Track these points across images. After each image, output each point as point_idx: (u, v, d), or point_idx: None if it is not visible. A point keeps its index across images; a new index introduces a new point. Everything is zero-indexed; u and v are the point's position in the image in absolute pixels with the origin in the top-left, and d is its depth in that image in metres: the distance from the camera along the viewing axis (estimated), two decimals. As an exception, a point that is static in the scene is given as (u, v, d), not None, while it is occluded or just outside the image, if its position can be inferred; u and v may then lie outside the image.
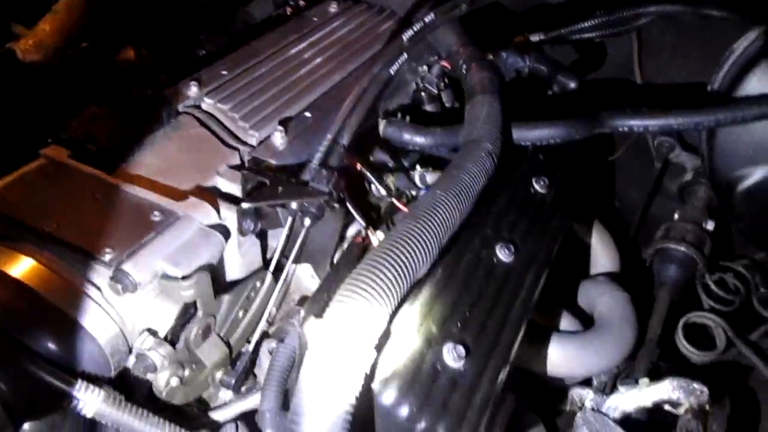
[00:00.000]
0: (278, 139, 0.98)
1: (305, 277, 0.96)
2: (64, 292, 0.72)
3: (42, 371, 0.64)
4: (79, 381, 0.64)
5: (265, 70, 1.14)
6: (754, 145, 1.28)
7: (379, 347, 0.77)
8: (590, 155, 1.61)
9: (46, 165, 0.86)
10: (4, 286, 0.70)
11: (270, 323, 0.88)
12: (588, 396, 1.27)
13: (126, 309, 0.74)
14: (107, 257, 0.73)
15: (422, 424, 0.81)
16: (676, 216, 1.54)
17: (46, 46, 1.54)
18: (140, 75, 1.24)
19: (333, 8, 1.39)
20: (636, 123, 1.20)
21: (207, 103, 1.05)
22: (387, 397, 0.82)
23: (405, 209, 1.01)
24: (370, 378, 0.81)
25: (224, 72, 1.12)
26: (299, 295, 0.94)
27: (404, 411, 0.82)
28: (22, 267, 0.72)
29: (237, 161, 0.96)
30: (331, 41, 1.26)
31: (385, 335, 0.78)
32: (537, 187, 1.19)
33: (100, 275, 0.74)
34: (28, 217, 0.77)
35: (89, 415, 0.65)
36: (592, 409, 1.20)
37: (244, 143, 0.99)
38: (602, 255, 1.50)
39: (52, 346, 0.69)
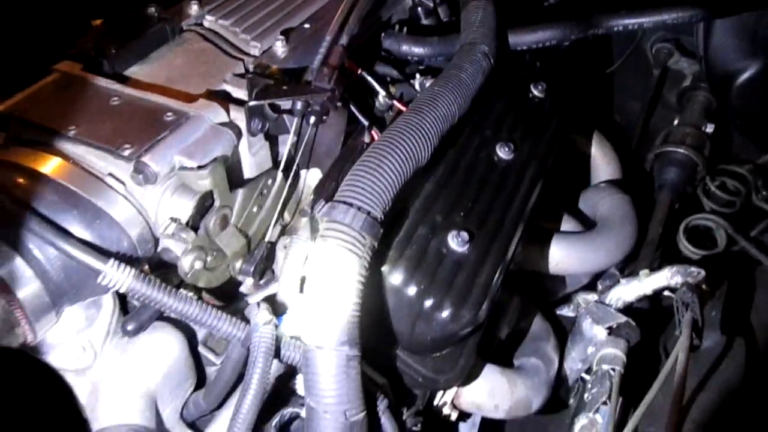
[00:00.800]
0: (279, 48, 1.02)
1: (314, 181, 1.01)
2: (92, 185, 0.77)
3: (77, 249, 0.69)
4: (111, 259, 0.70)
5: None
6: (749, 38, 1.30)
7: (385, 234, 0.81)
8: (590, 66, 1.63)
9: (60, 78, 0.90)
10: (37, 183, 0.75)
11: (283, 226, 0.94)
12: (592, 298, 1.32)
13: (148, 200, 0.80)
14: (126, 152, 0.78)
15: (429, 301, 0.87)
16: (676, 121, 1.57)
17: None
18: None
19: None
20: (630, 21, 1.23)
21: (209, 20, 1.08)
22: (395, 278, 0.87)
23: (404, 108, 1.05)
24: (379, 262, 0.87)
25: (223, -10, 1.15)
26: (307, 194, 1.00)
27: (412, 290, 0.88)
28: (52, 165, 0.77)
29: (241, 71, 1.00)
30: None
31: (390, 223, 0.83)
32: (535, 91, 1.22)
33: (122, 169, 0.79)
34: (49, 122, 0.82)
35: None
36: (596, 302, 1.26)
37: (247, 54, 1.03)
38: (603, 164, 1.54)
39: (84, 235, 0.74)
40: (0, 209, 0.72)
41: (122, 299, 0.81)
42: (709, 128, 1.53)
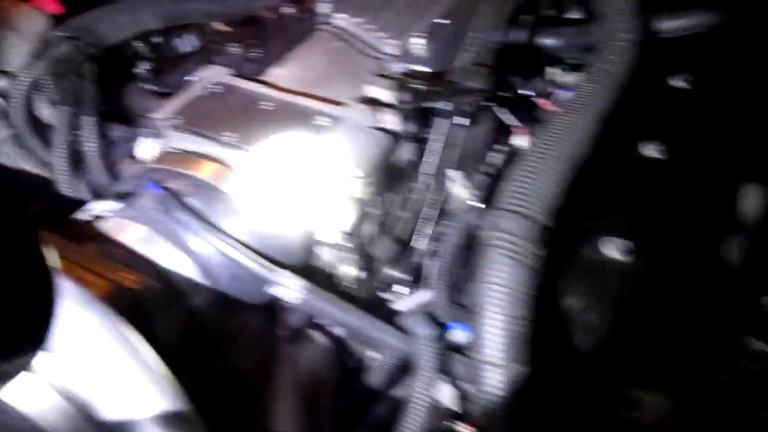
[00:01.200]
0: (420, 46, 0.98)
1: (458, 183, 0.97)
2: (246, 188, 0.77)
3: (252, 260, 0.69)
4: (287, 271, 0.69)
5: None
6: None
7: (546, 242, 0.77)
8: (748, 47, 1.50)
9: (212, 84, 0.90)
10: (204, 191, 0.75)
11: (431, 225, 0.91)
12: None
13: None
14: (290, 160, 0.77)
15: (594, 314, 0.83)
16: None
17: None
18: None
19: None
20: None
21: (341, 18, 1.06)
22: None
23: (551, 107, 1.00)
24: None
25: (351, -13, 1.13)
26: (454, 200, 0.96)
27: (574, 303, 0.83)
28: (217, 173, 0.77)
29: (381, 71, 0.97)
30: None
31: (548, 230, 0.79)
32: (680, 83, 1.14)
33: (285, 178, 0.78)
34: (210, 130, 0.82)
35: (294, 302, 0.69)
36: None
37: (384, 53, 1.00)
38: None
39: (250, 243, 0.74)
40: (168, 216, 0.73)
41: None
42: None
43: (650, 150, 1.01)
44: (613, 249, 0.89)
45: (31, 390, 0.55)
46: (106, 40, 1.04)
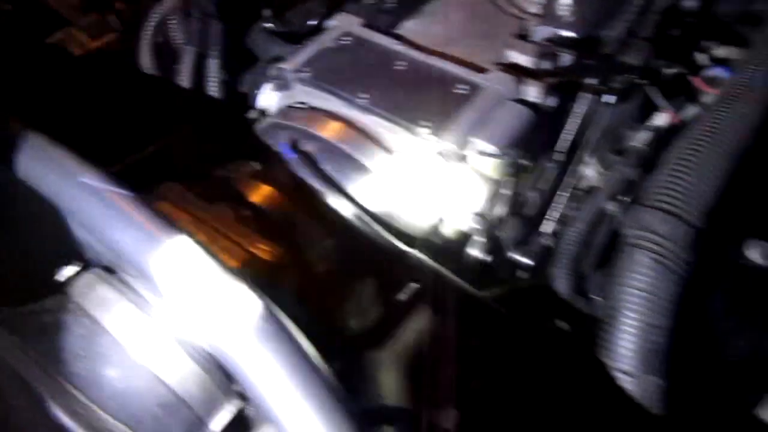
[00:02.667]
0: (564, 6, 0.89)
1: (595, 164, 0.90)
2: (384, 162, 0.73)
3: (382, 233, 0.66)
4: (411, 249, 0.66)
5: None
6: None
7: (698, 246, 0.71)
8: None
9: (342, 34, 0.85)
10: (324, 149, 0.73)
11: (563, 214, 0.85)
12: None
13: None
14: (428, 128, 0.73)
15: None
16: None
17: None
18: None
19: None
20: None
21: (479, -32, 0.97)
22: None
23: (706, 88, 0.90)
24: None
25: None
26: (588, 182, 0.89)
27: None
28: (347, 135, 0.74)
29: (522, 32, 0.89)
30: None
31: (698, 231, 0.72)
32: None
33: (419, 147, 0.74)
34: (340, 87, 0.78)
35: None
36: None
37: (525, 12, 0.92)
38: None
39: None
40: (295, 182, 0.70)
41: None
42: None
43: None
44: (758, 254, 0.82)
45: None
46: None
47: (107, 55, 0.85)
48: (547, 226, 0.84)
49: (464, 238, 0.75)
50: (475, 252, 0.75)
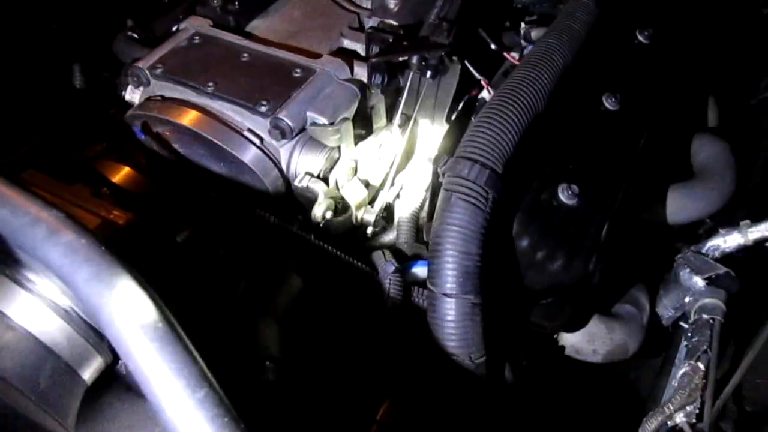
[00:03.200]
0: (391, 1, 1.03)
1: (424, 131, 1.04)
2: (233, 140, 0.83)
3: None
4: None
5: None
6: None
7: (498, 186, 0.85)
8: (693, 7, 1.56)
9: (193, 35, 0.95)
10: (186, 137, 0.82)
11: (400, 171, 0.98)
12: (684, 248, 1.32)
13: (283, 154, 0.86)
14: (263, 109, 0.84)
15: (542, 252, 0.91)
16: (782, 65, 1.50)
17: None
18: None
19: None
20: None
21: (319, -29, 1.10)
22: (510, 229, 0.91)
23: (516, 62, 1.05)
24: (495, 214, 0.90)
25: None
26: (420, 147, 1.03)
27: (525, 241, 0.91)
28: (198, 120, 0.83)
29: (356, 24, 1.02)
30: None
31: (503, 176, 0.86)
32: (641, 38, 1.20)
33: (259, 124, 0.85)
34: (190, 78, 0.88)
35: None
36: (692, 251, 1.26)
37: (360, 7, 1.05)
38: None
39: (230, 183, 0.81)
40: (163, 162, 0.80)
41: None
42: (820, 73, 1.45)
43: (606, 101, 1.07)
44: (565, 195, 0.97)
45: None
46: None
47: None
48: (389, 188, 0.96)
49: (310, 201, 0.87)
50: (320, 211, 0.86)
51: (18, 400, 0.60)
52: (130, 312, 0.45)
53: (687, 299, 1.17)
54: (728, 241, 1.23)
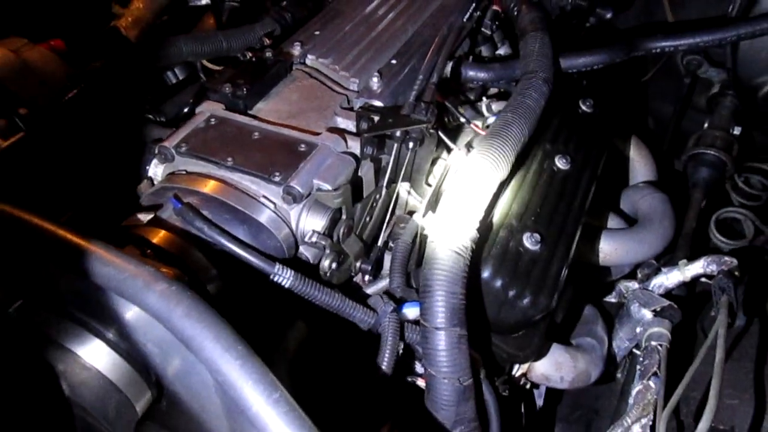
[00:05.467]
0: (375, 83, 1.22)
1: (404, 193, 1.21)
2: (252, 205, 0.99)
3: (249, 254, 0.91)
4: (278, 264, 0.91)
5: (350, 27, 1.37)
6: (773, 54, 1.48)
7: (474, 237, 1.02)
8: (626, 78, 1.81)
9: (209, 117, 1.12)
10: (211, 204, 0.97)
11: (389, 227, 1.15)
12: (633, 286, 1.52)
13: (293, 215, 1.01)
14: (277, 178, 1.00)
15: (512, 291, 1.08)
16: (705, 125, 1.75)
17: (142, 22, 1.78)
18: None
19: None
20: (667, 44, 1.41)
21: (310, 59, 1.29)
22: (485, 273, 1.08)
23: (482, 132, 1.25)
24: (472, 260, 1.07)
25: (317, 32, 1.36)
26: (401, 206, 1.20)
27: (498, 282, 1.08)
28: (221, 189, 0.99)
29: (346, 103, 1.20)
30: (398, -2, 1.47)
31: (479, 229, 1.03)
32: (584, 107, 1.41)
33: (273, 192, 1.01)
34: (210, 155, 1.04)
35: (286, 286, 0.92)
36: (641, 288, 1.45)
37: (348, 89, 1.24)
38: (641, 166, 1.73)
39: (251, 242, 0.96)
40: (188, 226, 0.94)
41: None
42: (737, 131, 1.70)
43: (559, 162, 1.27)
44: (529, 242, 1.14)
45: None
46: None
47: (19, 149, 1.06)
48: (381, 242, 1.13)
49: (316, 254, 1.02)
50: (327, 263, 1.01)
51: (94, 426, 0.73)
52: (217, 340, 0.60)
53: (638, 329, 1.35)
54: (670, 278, 1.43)
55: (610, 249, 1.47)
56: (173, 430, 0.84)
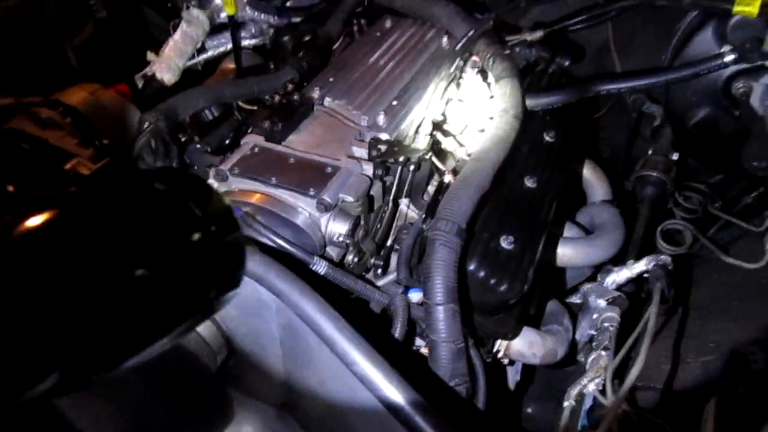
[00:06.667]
0: (381, 120, 1.54)
1: (404, 207, 1.52)
2: (294, 214, 1.29)
3: (294, 249, 1.21)
4: (316, 256, 1.21)
5: (358, 75, 1.70)
6: (696, 93, 1.84)
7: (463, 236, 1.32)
8: (584, 114, 2.16)
9: (253, 146, 1.42)
10: (255, 210, 1.27)
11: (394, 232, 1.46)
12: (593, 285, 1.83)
13: (323, 221, 1.32)
14: (312, 193, 1.30)
15: (493, 280, 1.39)
16: (650, 152, 2.09)
17: (173, 67, 2.09)
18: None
19: (388, 23, 1.94)
20: (612, 86, 1.77)
21: (328, 101, 1.61)
22: (472, 266, 1.39)
23: (467, 159, 1.57)
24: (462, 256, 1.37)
25: (331, 79, 1.68)
26: (402, 217, 1.51)
27: (481, 273, 1.39)
28: (270, 202, 1.29)
29: (359, 136, 1.52)
30: (396, 48, 1.81)
31: (467, 230, 1.34)
32: (548, 138, 1.75)
33: (308, 204, 1.31)
34: (258, 175, 1.34)
35: (321, 273, 1.22)
36: (597, 284, 1.77)
37: (359, 125, 1.55)
38: (597, 186, 2.06)
39: (295, 241, 1.26)
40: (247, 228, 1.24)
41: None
42: (675, 156, 2.05)
43: (528, 181, 1.59)
44: (506, 242, 1.45)
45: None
46: (176, 117, 1.53)
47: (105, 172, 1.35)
48: (390, 243, 1.43)
49: (341, 251, 1.32)
50: (350, 257, 1.32)
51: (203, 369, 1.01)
52: (302, 293, 0.91)
53: (594, 316, 1.67)
54: (620, 275, 1.75)
55: (572, 253, 1.78)
56: (240, 381, 1.12)
